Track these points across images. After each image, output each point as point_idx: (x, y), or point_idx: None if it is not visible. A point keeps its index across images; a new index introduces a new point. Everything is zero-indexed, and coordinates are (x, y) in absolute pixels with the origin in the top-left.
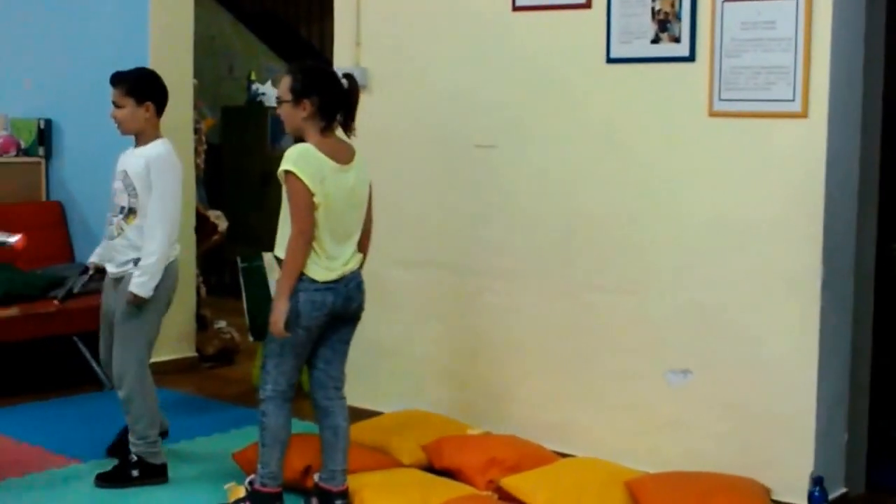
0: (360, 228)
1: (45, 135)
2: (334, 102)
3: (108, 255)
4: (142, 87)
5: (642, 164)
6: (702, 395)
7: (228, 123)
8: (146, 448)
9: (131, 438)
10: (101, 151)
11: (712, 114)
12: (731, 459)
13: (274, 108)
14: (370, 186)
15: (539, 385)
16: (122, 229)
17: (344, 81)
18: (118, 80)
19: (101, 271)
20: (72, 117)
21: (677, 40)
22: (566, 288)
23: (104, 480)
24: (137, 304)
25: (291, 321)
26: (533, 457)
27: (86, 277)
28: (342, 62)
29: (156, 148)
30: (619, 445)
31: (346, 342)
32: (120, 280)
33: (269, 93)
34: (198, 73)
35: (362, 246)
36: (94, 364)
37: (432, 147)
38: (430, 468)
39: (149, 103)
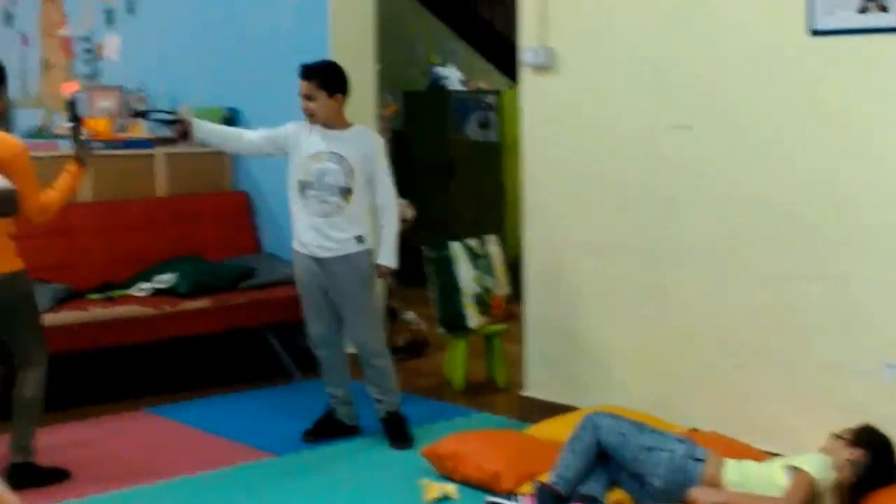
0: None
1: (230, 124)
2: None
3: (314, 233)
4: (333, 79)
5: (851, 141)
6: None
7: (410, 109)
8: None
9: (389, 398)
10: None
11: None
12: None
13: (457, 92)
14: None
15: (741, 379)
16: (341, 207)
17: None
18: (309, 73)
19: None
20: (256, 106)
21: (885, 9)
22: (767, 276)
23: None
24: (383, 275)
25: None
26: (740, 454)
27: None
28: (527, 42)
29: (369, 132)
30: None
31: None
32: (341, 258)
33: (451, 76)
34: (378, 57)
35: None
36: (283, 356)
37: (624, 129)
38: None
39: (339, 94)
